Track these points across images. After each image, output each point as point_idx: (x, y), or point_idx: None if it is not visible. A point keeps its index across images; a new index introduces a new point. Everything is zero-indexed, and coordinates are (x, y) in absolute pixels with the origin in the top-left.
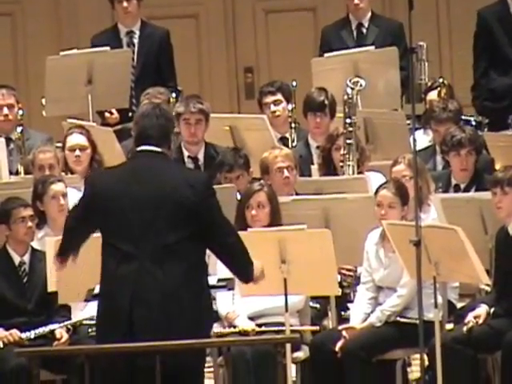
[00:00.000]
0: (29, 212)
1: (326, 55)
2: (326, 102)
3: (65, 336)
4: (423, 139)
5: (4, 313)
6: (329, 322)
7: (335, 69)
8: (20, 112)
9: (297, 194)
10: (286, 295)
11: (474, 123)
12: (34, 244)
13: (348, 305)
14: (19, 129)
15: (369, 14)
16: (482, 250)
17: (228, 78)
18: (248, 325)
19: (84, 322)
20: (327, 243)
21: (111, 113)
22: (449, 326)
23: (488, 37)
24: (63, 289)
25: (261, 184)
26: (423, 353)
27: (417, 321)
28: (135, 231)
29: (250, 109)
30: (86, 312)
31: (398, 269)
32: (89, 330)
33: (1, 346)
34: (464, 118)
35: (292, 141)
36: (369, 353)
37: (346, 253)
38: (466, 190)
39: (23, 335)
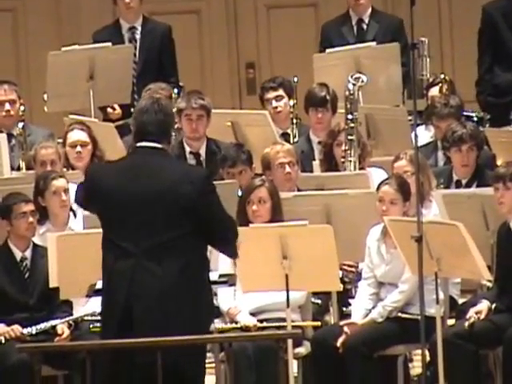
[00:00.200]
0: (30, 207)
1: (328, 51)
2: (328, 98)
3: (66, 332)
4: (425, 135)
5: (5, 308)
6: (330, 318)
7: (337, 64)
8: (22, 108)
9: (298, 190)
10: (288, 291)
11: (476, 119)
12: (36, 240)
13: (349, 300)
14: (21, 124)
15: (369, 10)
16: (484, 246)
17: (230, 74)
18: (249, 320)
19: (85, 318)
20: (329, 239)
21: (114, 108)
22: (450, 322)
23: (492, 32)
24: (65, 284)
25: (262, 179)
26: (425, 348)
27: (418, 316)
28: (133, 228)
29: (252, 104)
30: (88, 308)
31: (400, 265)
32: (90, 326)
33: (2, 342)
34: (465, 114)
35: (293, 136)
36: (370, 348)
37: (348, 249)
38: (468, 186)
39: (25, 331)
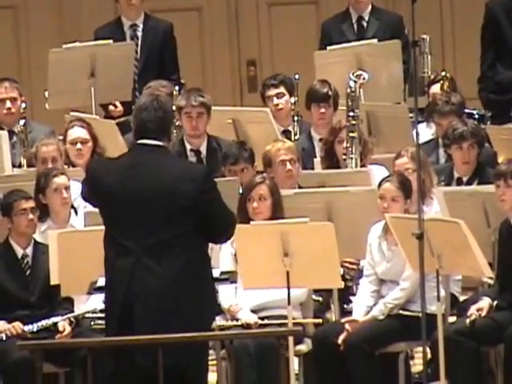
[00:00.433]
0: (30, 204)
1: (329, 48)
2: (330, 93)
3: (67, 329)
4: (426, 132)
5: (7, 305)
6: (331, 315)
7: (338, 62)
8: (23, 105)
9: (299, 187)
10: (289, 288)
11: (477, 116)
12: (37, 237)
13: (351, 298)
14: (22, 122)
15: (369, 7)
16: (485, 243)
17: (231, 71)
18: (250, 318)
19: (86, 315)
20: (330, 236)
21: (115, 106)
22: (451, 319)
23: (495, 29)
24: (66, 282)
25: (263, 177)
26: (426, 346)
27: (419, 314)
28: (134, 225)
29: (253, 102)
30: (89, 305)
31: (401, 262)
32: (91, 323)
33: (3, 339)
34: (467, 111)
35: (295, 134)
36: (371, 346)
37: (349, 246)
38: (469, 183)
39: (26, 328)
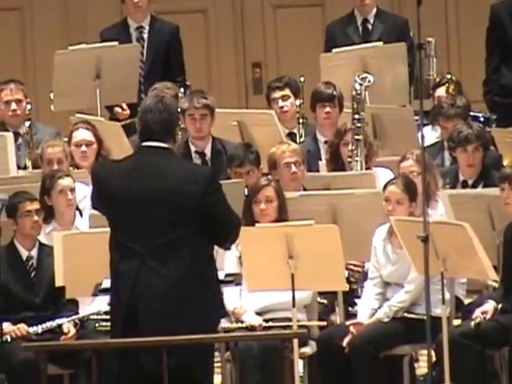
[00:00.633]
0: (35, 206)
1: (334, 51)
2: (335, 93)
3: (72, 330)
4: (431, 135)
5: (12, 307)
6: (336, 318)
7: (343, 64)
8: (28, 107)
9: (304, 190)
10: (294, 290)
11: (483, 119)
12: (42, 239)
13: (355, 300)
14: (27, 123)
15: (374, 10)
16: (490, 246)
17: (236, 73)
18: (255, 320)
19: (91, 317)
20: (335, 239)
21: (122, 108)
22: (456, 322)
23: (500, 32)
24: (71, 283)
25: (268, 179)
26: (430, 348)
27: (424, 316)
28: (139, 228)
29: (258, 104)
30: (94, 307)
31: (406, 265)
32: (96, 325)
33: (8, 341)
34: (472, 114)
35: (300, 136)
36: (376, 348)
37: (354, 248)
38: (474, 186)
39: (31, 329)
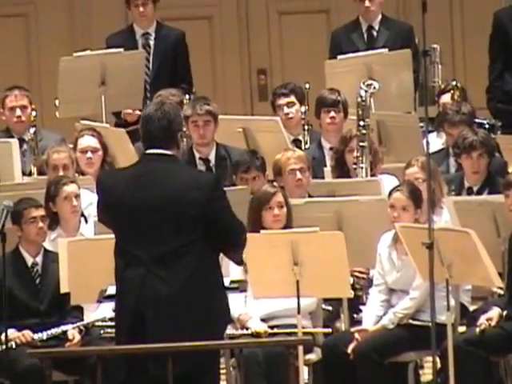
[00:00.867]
0: (40, 212)
1: (339, 57)
2: (339, 99)
3: (77, 337)
4: (436, 142)
5: (16, 314)
6: (341, 324)
7: (348, 71)
8: (33, 113)
9: (310, 196)
10: (299, 297)
11: (488, 126)
12: (47, 245)
13: (360, 307)
14: (32, 130)
15: (379, 17)
16: (495, 253)
17: (241, 80)
18: (260, 327)
19: (96, 323)
20: (340, 245)
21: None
22: (461, 329)
23: (503, 39)
24: (76, 290)
25: (275, 186)
26: (435, 355)
27: (429, 323)
28: (144, 235)
29: (263, 111)
30: (99, 313)
31: (411, 271)
32: (101, 332)
33: (13, 347)
34: (477, 121)
35: (305, 143)
36: (381, 355)
37: (359, 255)
38: (479, 193)
39: (35, 336)
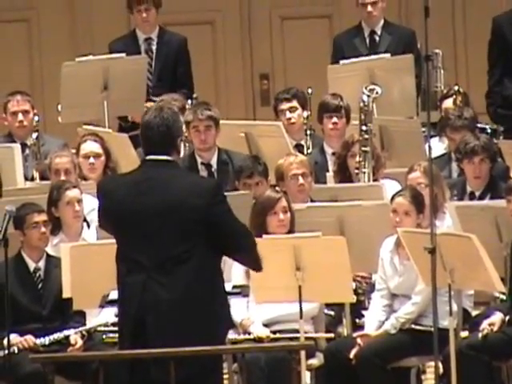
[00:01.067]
0: (42, 217)
1: (342, 62)
2: (342, 104)
3: (79, 342)
4: (438, 147)
5: (19, 319)
6: (343, 329)
7: (351, 76)
8: (36, 118)
9: (312, 201)
10: (301, 302)
11: (490, 131)
12: (49, 250)
13: (363, 312)
14: (35, 135)
15: (381, 22)
16: (497, 258)
17: (244, 85)
18: (262, 331)
19: (98, 328)
20: (342, 250)
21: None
22: (463, 334)
23: (502, 44)
24: (78, 295)
25: (279, 191)
26: (438, 360)
27: (431, 328)
28: (143, 241)
29: (266, 115)
30: (101, 318)
31: (413, 276)
32: (103, 336)
33: (16, 352)
34: (479, 126)
35: (307, 148)
36: (383, 360)
37: (361, 260)
38: (481, 198)
39: (38, 341)
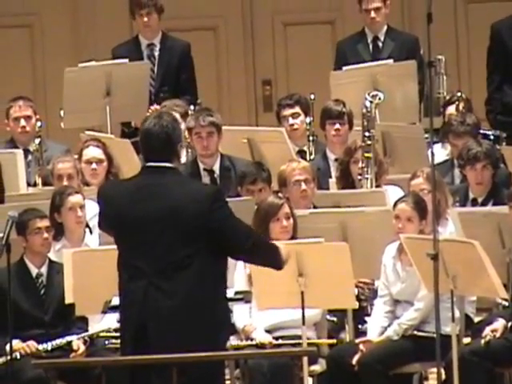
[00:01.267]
0: (45, 223)
1: (345, 68)
2: (344, 111)
3: (82, 348)
4: (441, 153)
5: (21, 324)
6: (346, 335)
7: (353, 82)
8: (38, 124)
9: (314, 207)
10: (303, 308)
11: (493, 137)
12: (52, 256)
13: (365, 318)
14: (37, 140)
15: (385, 28)
16: (500, 264)
17: (246, 91)
18: (265, 337)
19: (101, 334)
20: (345, 256)
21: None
22: (466, 340)
23: (502, 50)
24: (80, 300)
25: (281, 197)
26: (440, 367)
27: (434, 334)
28: (144, 247)
29: (268, 121)
30: (103, 324)
31: (416, 282)
32: (106, 342)
33: (18, 358)
34: (482, 132)
35: (310, 154)
36: (386, 366)
37: (364, 266)
38: (484, 204)
39: (40, 347)
